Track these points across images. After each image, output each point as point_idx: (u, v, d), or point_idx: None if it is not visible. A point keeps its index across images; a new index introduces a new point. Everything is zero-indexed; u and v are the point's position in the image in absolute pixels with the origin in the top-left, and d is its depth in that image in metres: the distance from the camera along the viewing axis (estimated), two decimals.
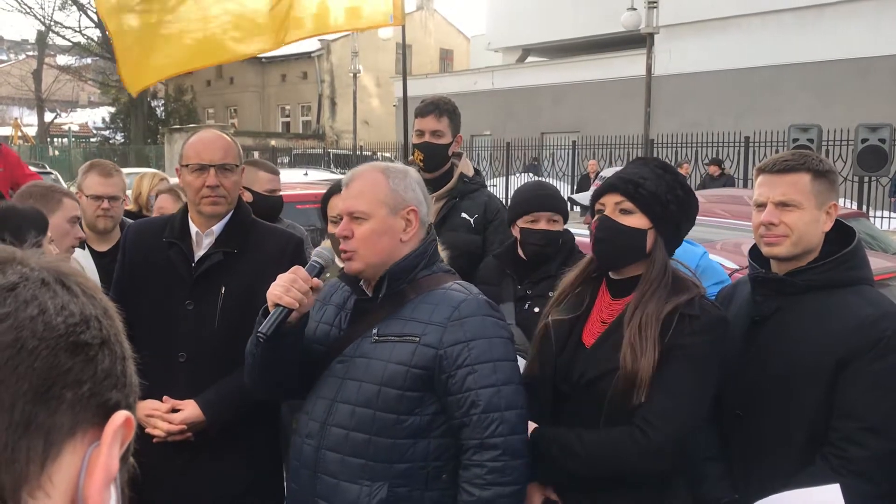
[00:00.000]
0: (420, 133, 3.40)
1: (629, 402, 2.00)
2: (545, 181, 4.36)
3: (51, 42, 39.59)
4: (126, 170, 6.56)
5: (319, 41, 33.16)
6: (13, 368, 0.58)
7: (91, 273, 3.12)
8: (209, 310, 2.53)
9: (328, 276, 2.43)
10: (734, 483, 2.17)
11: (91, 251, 3.48)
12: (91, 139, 41.44)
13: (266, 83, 38.77)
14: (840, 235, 2.18)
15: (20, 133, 36.49)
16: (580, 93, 25.05)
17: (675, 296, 2.06)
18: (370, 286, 2.14)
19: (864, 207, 13.68)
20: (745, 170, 16.64)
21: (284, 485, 2.64)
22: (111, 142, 39.05)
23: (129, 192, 4.37)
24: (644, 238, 2.11)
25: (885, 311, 2.04)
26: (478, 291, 2.13)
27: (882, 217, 14.40)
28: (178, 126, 31.68)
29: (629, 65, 23.01)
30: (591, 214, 2.25)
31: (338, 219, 2.46)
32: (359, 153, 25.12)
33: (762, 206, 2.16)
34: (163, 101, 38.82)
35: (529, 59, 29.97)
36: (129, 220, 3.56)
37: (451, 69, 37.18)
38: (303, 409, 2.18)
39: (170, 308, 2.55)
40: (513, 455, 1.95)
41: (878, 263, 3.43)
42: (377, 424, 2.00)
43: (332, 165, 23.54)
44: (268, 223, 2.87)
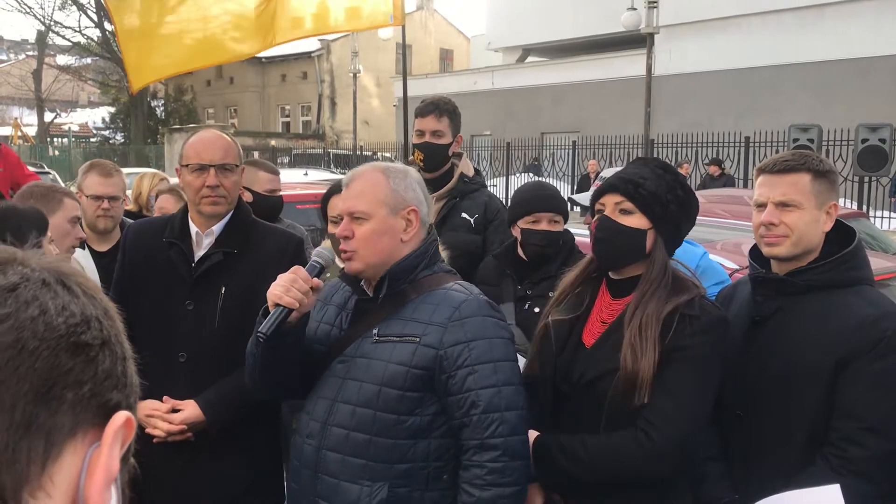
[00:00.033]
0: (420, 133, 3.40)
1: (630, 403, 2.00)
2: (545, 181, 4.36)
3: (51, 42, 39.60)
4: (126, 170, 6.56)
5: (319, 41, 33.16)
6: (14, 369, 0.58)
7: (91, 273, 3.13)
8: (209, 310, 2.54)
9: (328, 277, 2.43)
10: (734, 483, 2.17)
11: (91, 251, 3.48)
12: (91, 139, 41.44)
13: (266, 83, 38.76)
14: (840, 235, 2.18)
15: (20, 133, 36.48)
16: (580, 93, 25.04)
17: (676, 296, 2.06)
18: (371, 286, 2.14)
19: (865, 207, 13.67)
20: (746, 170, 16.64)
21: (284, 485, 2.64)
22: (111, 142, 39.05)
23: (129, 192, 4.37)
24: (644, 238, 2.11)
25: (886, 312, 2.04)
26: (478, 292, 2.12)
27: (882, 217, 14.41)
28: (178, 126, 31.69)
29: (629, 65, 23.01)
30: (591, 214, 2.25)
31: (338, 219, 2.45)
32: (359, 153, 25.11)
33: (762, 207, 2.16)
34: (163, 101, 38.83)
35: (529, 59, 29.96)
36: (129, 220, 3.56)
37: (451, 69, 37.17)
38: (304, 409, 2.18)
39: (170, 308, 2.55)
40: (513, 456, 1.94)
41: (879, 263, 3.43)
42: (378, 425, 2.00)
43: (332, 165, 23.53)
44: (268, 223, 2.87)
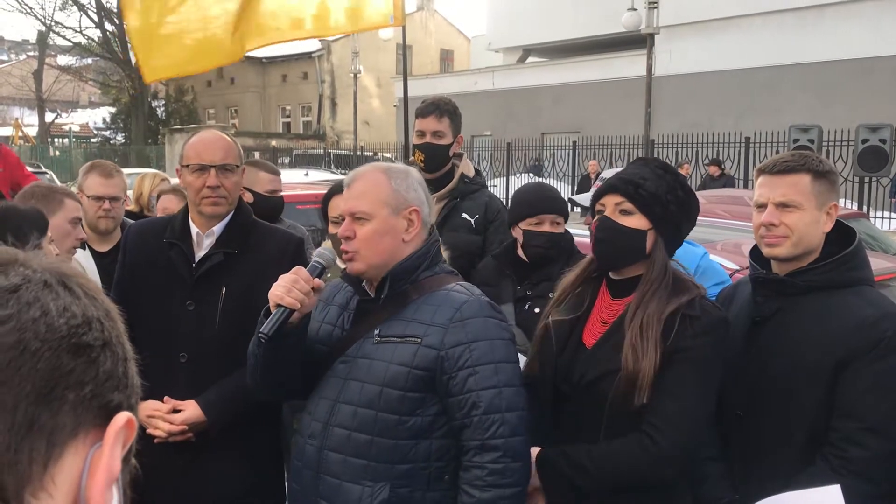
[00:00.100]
0: (421, 133, 3.40)
1: (630, 404, 2.00)
2: (545, 183, 4.36)
3: (51, 42, 39.63)
4: (127, 170, 6.57)
5: (320, 41, 33.15)
6: (16, 370, 0.59)
7: (92, 273, 3.13)
8: (210, 310, 2.54)
9: (329, 277, 2.43)
10: (734, 483, 2.17)
11: (92, 252, 3.48)
12: (92, 139, 41.46)
13: (267, 83, 38.75)
14: (840, 236, 2.18)
15: (21, 133, 36.52)
16: (580, 93, 25.03)
17: (676, 296, 2.06)
18: (373, 287, 2.14)
19: (865, 208, 13.65)
20: (746, 170, 16.64)
21: (285, 485, 2.64)
22: (112, 142, 39.08)
23: (130, 193, 4.37)
24: (644, 239, 2.11)
25: (886, 312, 2.04)
26: (480, 293, 2.12)
27: (882, 217, 14.38)
28: (179, 126, 31.70)
29: (629, 65, 23.00)
30: (592, 215, 2.25)
31: (339, 219, 2.45)
32: (359, 154, 25.10)
33: (762, 207, 2.16)
34: (163, 102, 38.85)
35: (530, 60, 29.94)
36: (130, 221, 3.57)
37: (452, 69, 37.16)
38: (305, 410, 2.18)
39: (170, 309, 2.55)
40: (513, 457, 1.95)
41: (879, 264, 3.43)
42: (379, 425, 2.00)
43: (333, 166, 23.54)
44: (268, 224, 2.87)
